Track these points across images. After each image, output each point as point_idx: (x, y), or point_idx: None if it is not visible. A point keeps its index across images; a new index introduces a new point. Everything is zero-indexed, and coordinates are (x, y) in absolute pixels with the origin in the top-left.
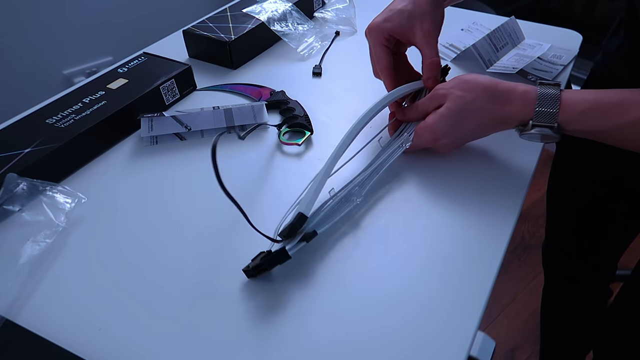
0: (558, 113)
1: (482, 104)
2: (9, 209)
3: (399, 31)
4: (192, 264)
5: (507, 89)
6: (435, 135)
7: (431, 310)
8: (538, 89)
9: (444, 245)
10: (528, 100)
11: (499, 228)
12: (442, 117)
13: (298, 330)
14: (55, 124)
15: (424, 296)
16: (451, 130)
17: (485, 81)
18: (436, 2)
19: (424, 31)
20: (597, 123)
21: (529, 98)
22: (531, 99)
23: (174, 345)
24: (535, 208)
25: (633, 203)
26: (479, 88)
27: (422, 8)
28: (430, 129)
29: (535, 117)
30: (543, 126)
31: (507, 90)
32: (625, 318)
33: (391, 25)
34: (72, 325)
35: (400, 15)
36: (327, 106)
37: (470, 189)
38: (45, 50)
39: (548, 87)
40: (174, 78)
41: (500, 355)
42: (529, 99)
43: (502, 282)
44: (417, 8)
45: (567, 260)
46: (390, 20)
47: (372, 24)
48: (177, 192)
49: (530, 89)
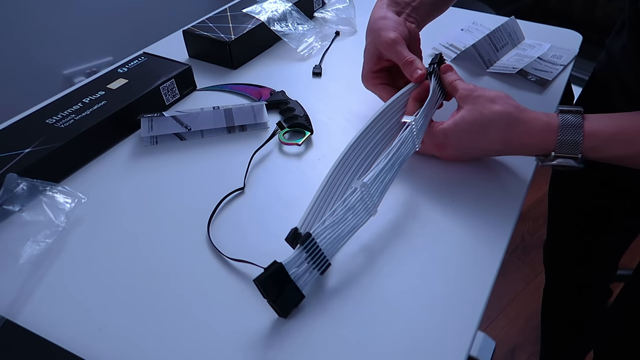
0: (582, 142)
1: (499, 130)
2: (9, 209)
3: (375, 63)
4: (192, 264)
5: (529, 118)
6: (445, 141)
7: (431, 310)
8: (559, 118)
9: (444, 245)
10: (550, 131)
11: (499, 228)
12: (456, 126)
13: (297, 330)
14: (55, 124)
15: (424, 296)
16: (459, 142)
17: (509, 106)
18: (385, 16)
19: (383, 46)
20: (623, 148)
21: (551, 128)
22: (553, 128)
23: (174, 345)
24: (535, 208)
25: (634, 203)
26: (501, 111)
27: (377, 31)
28: (443, 132)
29: (558, 147)
30: (566, 157)
31: (529, 119)
32: (626, 318)
33: (369, 65)
34: (72, 325)
35: (368, 52)
36: (327, 106)
37: (470, 189)
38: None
39: (570, 116)
40: (174, 78)
41: (500, 355)
42: (550, 129)
43: (502, 282)
44: (374, 32)
45: (568, 260)
46: (366, 62)
47: (362, 75)
48: (177, 192)
49: (553, 119)
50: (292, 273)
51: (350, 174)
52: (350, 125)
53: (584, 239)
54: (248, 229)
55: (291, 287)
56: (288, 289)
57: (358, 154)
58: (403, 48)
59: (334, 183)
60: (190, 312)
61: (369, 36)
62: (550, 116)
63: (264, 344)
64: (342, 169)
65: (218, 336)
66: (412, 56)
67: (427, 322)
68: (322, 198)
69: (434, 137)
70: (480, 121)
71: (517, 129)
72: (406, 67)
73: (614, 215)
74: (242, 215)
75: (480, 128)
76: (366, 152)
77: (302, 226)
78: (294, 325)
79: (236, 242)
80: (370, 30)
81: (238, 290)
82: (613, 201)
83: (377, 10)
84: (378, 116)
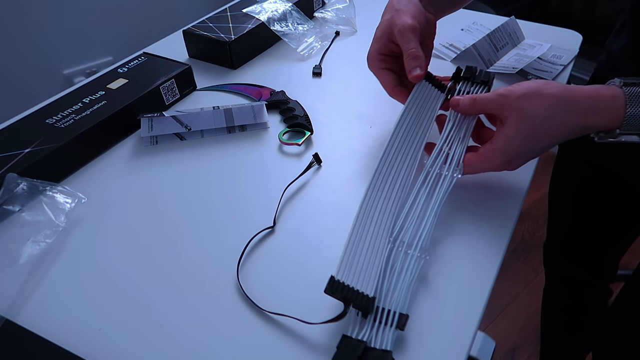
0: None
1: (558, 119)
2: (9, 209)
3: (384, 44)
4: (192, 264)
5: (589, 95)
6: (508, 157)
7: (431, 310)
8: (625, 92)
9: (444, 245)
10: (617, 108)
11: (499, 228)
12: (510, 140)
13: (297, 329)
14: (55, 124)
15: (424, 296)
16: (522, 150)
17: (556, 91)
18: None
19: (398, 28)
20: None
21: (617, 105)
22: (620, 105)
23: (174, 345)
24: (535, 208)
25: (635, 203)
26: (550, 102)
27: (396, 12)
28: (500, 152)
29: (625, 125)
30: (633, 134)
31: (589, 97)
32: (625, 318)
33: (377, 45)
34: (72, 325)
35: (381, 29)
36: (327, 106)
37: (470, 189)
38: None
39: (637, 90)
40: (174, 78)
41: (500, 355)
42: (617, 106)
43: (502, 282)
44: (392, 13)
45: (569, 260)
46: (375, 40)
47: (368, 54)
48: (177, 192)
49: (618, 93)
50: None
51: (380, 210)
52: (350, 125)
53: (584, 239)
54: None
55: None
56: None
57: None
58: (414, 38)
59: (363, 221)
60: (190, 312)
61: (386, 14)
62: (615, 89)
63: (265, 345)
64: (370, 205)
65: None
66: (419, 51)
67: (427, 322)
68: (354, 241)
69: (490, 160)
70: (534, 123)
71: (578, 111)
72: (408, 60)
73: (614, 216)
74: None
75: (537, 130)
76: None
77: (338, 273)
78: (293, 326)
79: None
80: (389, 8)
81: (238, 290)
82: (614, 202)
83: None
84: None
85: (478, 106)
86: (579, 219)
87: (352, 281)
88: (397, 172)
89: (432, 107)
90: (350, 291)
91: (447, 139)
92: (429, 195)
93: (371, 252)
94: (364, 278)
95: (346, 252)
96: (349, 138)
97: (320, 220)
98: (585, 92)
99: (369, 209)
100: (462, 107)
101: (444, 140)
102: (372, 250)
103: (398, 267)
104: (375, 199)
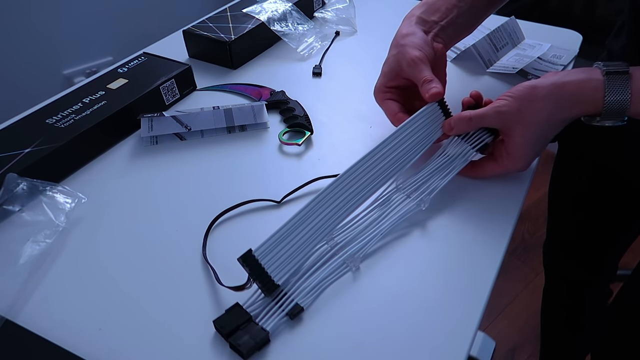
0: (629, 107)
1: (556, 117)
2: (9, 209)
3: (391, 78)
4: (192, 264)
5: (574, 91)
6: (526, 162)
7: (431, 310)
8: (605, 81)
9: (444, 245)
10: (598, 98)
11: (499, 228)
12: (524, 148)
13: (296, 329)
14: (55, 124)
15: (424, 296)
16: (534, 152)
17: (547, 92)
18: (410, 33)
19: (407, 62)
20: None
21: (598, 95)
22: (600, 95)
23: (174, 345)
24: (535, 208)
25: (634, 202)
26: (545, 104)
27: (401, 47)
28: (519, 159)
29: (605, 113)
30: (612, 120)
31: (574, 92)
32: (624, 318)
33: (383, 79)
34: (72, 325)
35: (388, 64)
36: (327, 106)
37: (470, 189)
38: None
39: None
40: (174, 78)
41: (500, 355)
42: (598, 96)
43: (502, 282)
44: (398, 48)
45: (569, 260)
46: (382, 75)
47: (375, 88)
48: (177, 192)
49: (599, 84)
50: (251, 310)
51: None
52: (350, 125)
53: (584, 239)
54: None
55: (253, 326)
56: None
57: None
58: (425, 68)
59: (307, 216)
60: (190, 312)
61: (392, 50)
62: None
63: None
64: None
65: (218, 336)
66: (432, 76)
67: (427, 322)
68: (287, 229)
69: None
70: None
71: (567, 106)
72: (423, 85)
73: (615, 216)
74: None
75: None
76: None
77: (257, 250)
78: (292, 326)
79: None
80: (395, 45)
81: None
82: (614, 200)
83: (405, 27)
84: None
85: (475, 123)
86: (579, 218)
87: (267, 263)
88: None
89: (432, 131)
90: (260, 270)
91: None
92: (385, 212)
93: (300, 246)
94: (279, 265)
95: (274, 236)
96: (349, 138)
97: None
98: (571, 85)
99: (318, 206)
100: (458, 128)
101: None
102: (301, 245)
103: (319, 264)
104: (330, 198)
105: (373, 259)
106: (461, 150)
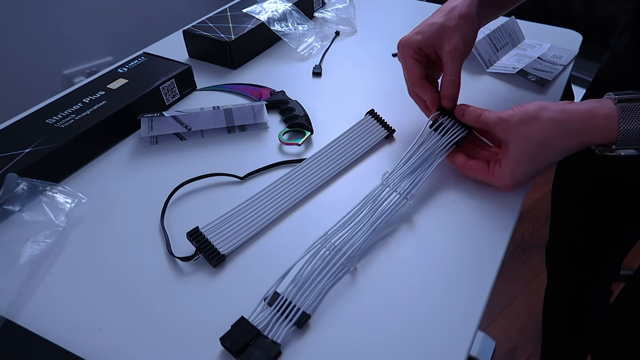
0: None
1: (556, 142)
2: (9, 209)
3: (427, 43)
4: (192, 264)
5: (584, 116)
6: (516, 179)
7: (431, 310)
8: (618, 108)
9: (444, 245)
10: (611, 125)
11: (499, 228)
12: (518, 164)
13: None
14: (55, 124)
15: (424, 296)
16: (528, 172)
17: (552, 114)
18: (468, 18)
19: (450, 46)
20: None
21: (612, 123)
22: (614, 123)
23: (174, 345)
24: (535, 208)
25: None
26: (549, 125)
27: (453, 22)
28: (511, 173)
29: (620, 141)
30: (629, 148)
31: (585, 118)
32: (625, 318)
33: (420, 38)
34: (72, 326)
35: (431, 28)
36: (327, 106)
37: (470, 190)
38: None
39: (630, 105)
40: (174, 78)
41: (500, 355)
42: (612, 124)
43: (502, 282)
44: (449, 21)
45: (571, 260)
46: (420, 33)
47: (403, 38)
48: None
49: (612, 111)
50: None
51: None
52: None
53: (588, 239)
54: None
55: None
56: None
57: None
58: (460, 64)
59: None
60: (189, 312)
61: (440, 16)
62: (609, 108)
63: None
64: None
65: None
66: (459, 79)
67: (427, 322)
68: (233, 212)
69: (501, 179)
70: (533, 146)
71: (575, 133)
72: (448, 85)
73: (617, 217)
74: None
75: (537, 152)
76: None
77: (203, 228)
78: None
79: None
80: (447, 11)
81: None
82: (619, 201)
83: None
84: None
85: (480, 123)
86: (584, 220)
87: (213, 237)
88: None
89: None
90: (205, 243)
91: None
92: (374, 208)
93: (246, 224)
94: (226, 239)
95: (220, 218)
96: None
97: (320, 221)
98: (580, 112)
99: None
100: (467, 118)
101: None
102: (248, 224)
103: (320, 269)
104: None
105: (373, 260)
106: (440, 143)
